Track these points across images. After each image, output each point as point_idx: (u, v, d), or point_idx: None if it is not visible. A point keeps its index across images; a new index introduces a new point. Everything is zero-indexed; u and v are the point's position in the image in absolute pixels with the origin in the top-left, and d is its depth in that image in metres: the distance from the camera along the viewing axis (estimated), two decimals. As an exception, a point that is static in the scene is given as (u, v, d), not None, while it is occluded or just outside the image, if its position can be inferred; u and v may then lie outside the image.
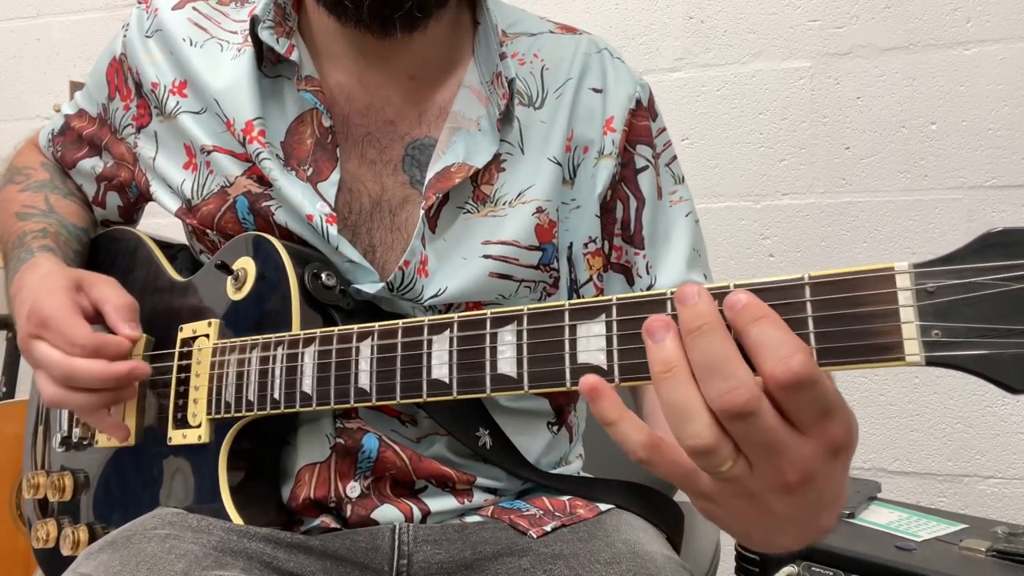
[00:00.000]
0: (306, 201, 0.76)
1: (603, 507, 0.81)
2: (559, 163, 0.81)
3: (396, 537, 0.75)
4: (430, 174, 0.78)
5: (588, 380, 0.46)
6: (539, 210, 0.80)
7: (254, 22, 0.78)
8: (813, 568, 1.03)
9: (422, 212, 0.76)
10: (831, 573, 1.02)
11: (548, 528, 0.76)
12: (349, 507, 0.75)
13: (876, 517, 1.14)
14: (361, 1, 0.72)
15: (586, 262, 0.84)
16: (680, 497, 1.29)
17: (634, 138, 0.85)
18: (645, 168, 0.86)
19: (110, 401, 0.75)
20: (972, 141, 1.49)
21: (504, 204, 0.79)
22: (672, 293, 0.47)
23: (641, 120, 0.86)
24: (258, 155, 0.77)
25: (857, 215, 1.55)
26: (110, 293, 0.77)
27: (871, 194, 1.54)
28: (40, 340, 0.73)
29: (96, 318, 0.77)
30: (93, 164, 0.93)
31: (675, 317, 0.45)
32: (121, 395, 0.76)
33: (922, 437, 1.51)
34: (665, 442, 0.46)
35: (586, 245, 0.84)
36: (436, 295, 0.76)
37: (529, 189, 0.80)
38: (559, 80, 0.84)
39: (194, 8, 0.86)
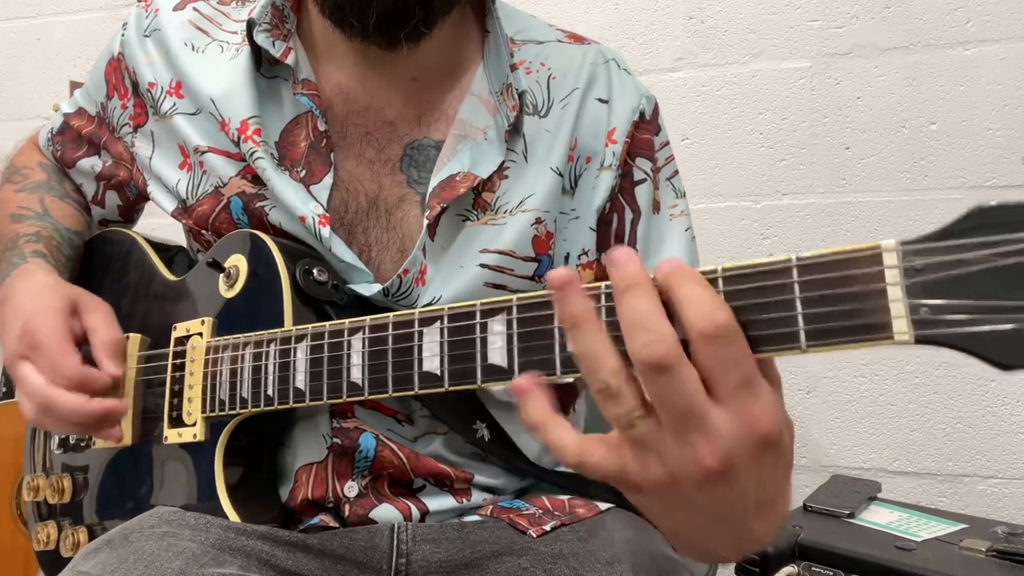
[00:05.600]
0: (299, 201, 0.76)
1: (603, 506, 0.81)
2: (560, 173, 0.81)
3: (395, 536, 0.75)
4: (434, 181, 0.77)
5: (521, 380, 0.48)
6: (538, 220, 0.79)
7: (250, 25, 0.78)
8: (813, 568, 1.03)
9: (425, 223, 0.76)
10: (831, 573, 1.02)
11: (548, 527, 0.76)
12: (347, 507, 0.75)
13: (876, 517, 1.14)
14: (367, 20, 0.72)
15: (579, 274, 0.83)
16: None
17: (635, 151, 0.85)
18: (643, 181, 0.85)
19: (88, 431, 0.76)
20: (972, 141, 1.49)
21: (504, 212, 0.79)
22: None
23: (643, 133, 0.85)
24: (252, 154, 0.77)
25: (857, 215, 1.54)
26: (102, 324, 0.78)
27: (871, 194, 1.54)
28: (27, 362, 0.74)
29: (83, 342, 0.78)
30: (92, 163, 0.93)
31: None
32: (99, 426, 0.75)
33: (922, 437, 1.50)
34: (592, 440, 0.47)
35: (579, 257, 0.83)
36: (430, 303, 0.76)
37: (530, 198, 0.79)
38: (565, 89, 0.83)
39: (195, 9, 0.86)
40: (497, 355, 0.54)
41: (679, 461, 0.44)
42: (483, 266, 0.78)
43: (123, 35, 0.88)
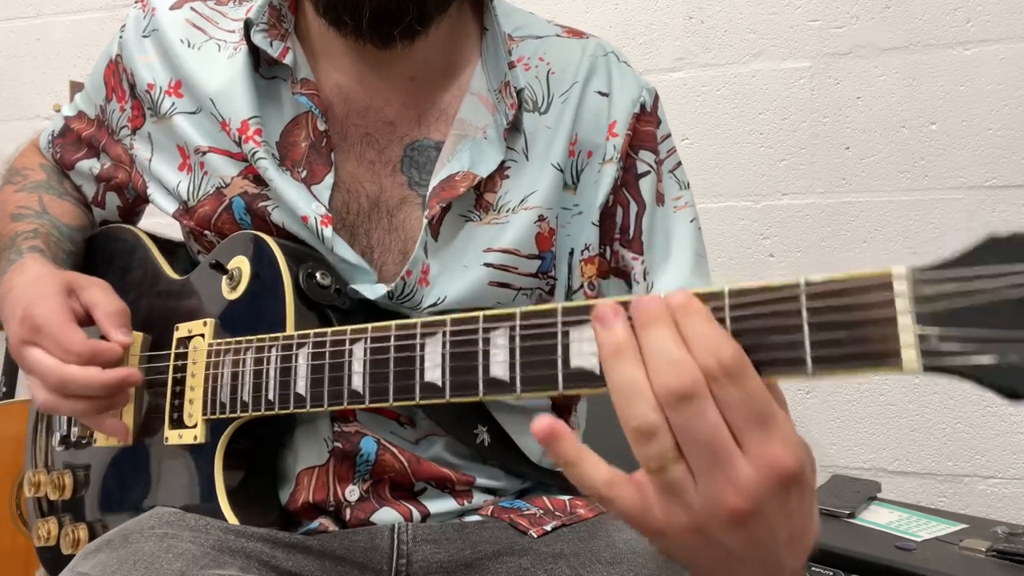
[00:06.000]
0: (300, 201, 0.76)
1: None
2: (561, 169, 0.81)
3: (395, 536, 0.75)
4: (434, 181, 0.77)
5: (542, 422, 0.46)
6: (540, 218, 0.79)
7: (247, 25, 0.78)
8: (813, 568, 1.03)
9: (425, 222, 0.76)
10: (831, 573, 1.02)
11: (548, 528, 0.76)
12: (348, 510, 0.75)
13: (876, 517, 1.14)
14: (360, 18, 0.72)
15: (580, 269, 0.83)
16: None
17: (637, 143, 0.84)
18: (647, 173, 0.85)
19: (103, 408, 0.75)
20: (972, 141, 1.49)
21: (507, 211, 0.79)
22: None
23: (645, 125, 0.85)
24: (254, 154, 0.77)
25: (857, 215, 1.55)
26: (101, 298, 0.77)
27: (871, 194, 1.54)
28: (34, 346, 0.73)
29: (87, 321, 0.77)
30: (91, 165, 0.93)
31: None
32: (114, 401, 0.75)
33: (922, 437, 1.51)
34: (622, 476, 0.46)
35: (582, 252, 0.83)
36: (435, 304, 0.76)
37: (532, 195, 0.79)
38: (565, 84, 0.83)
39: (192, 8, 0.86)
40: (499, 368, 0.54)
41: (704, 507, 0.43)
42: (487, 265, 0.78)
43: (121, 37, 0.88)
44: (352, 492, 0.75)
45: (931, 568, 0.96)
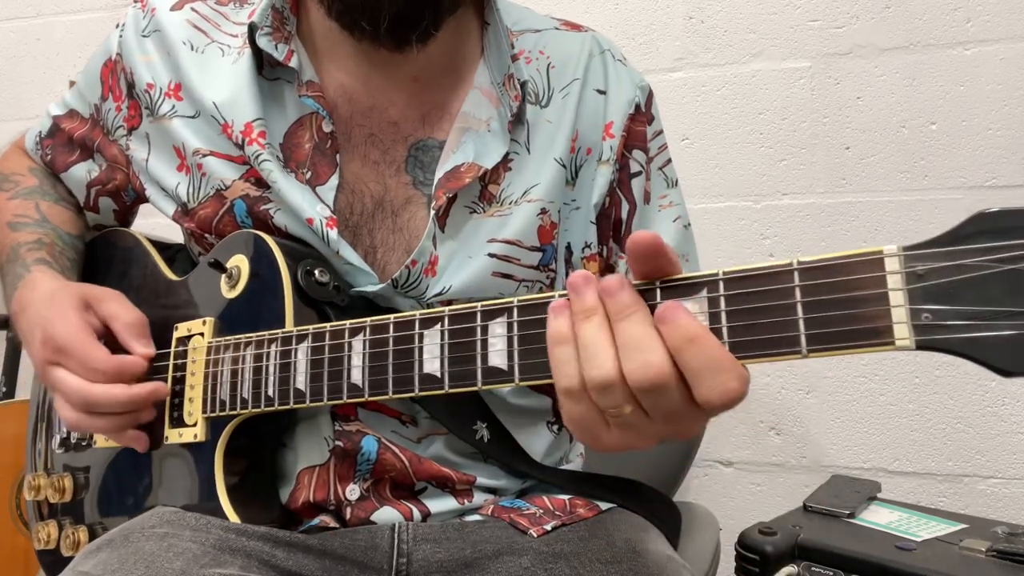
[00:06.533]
0: (305, 204, 0.76)
1: (603, 506, 0.81)
2: (563, 164, 0.81)
3: (396, 536, 0.75)
4: (439, 173, 0.78)
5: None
6: (543, 211, 0.80)
7: (252, 29, 0.78)
8: (813, 568, 1.03)
9: (432, 213, 0.76)
10: (831, 573, 1.01)
11: (548, 527, 0.76)
12: (349, 510, 0.75)
13: (876, 517, 1.14)
14: (378, 23, 0.72)
15: (583, 267, 0.84)
16: (678, 497, 1.28)
17: (631, 143, 0.85)
18: (639, 173, 0.86)
19: (131, 423, 0.75)
20: (972, 141, 1.49)
21: (510, 203, 0.79)
22: (660, 283, 0.49)
23: (639, 125, 0.86)
24: (257, 157, 0.77)
25: (857, 215, 1.54)
26: (119, 310, 0.78)
27: (871, 194, 1.54)
28: (58, 367, 0.73)
29: (105, 333, 0.77)
30: (88, 168, 0.92)
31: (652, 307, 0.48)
32: (140, 416, 0.76)
33: (922, 437, 1.50)
34: (587, 396, 0.50)
35: (583, 250, 0.84)
36: (440, 293, 0.77)
37: (534, 188, 0.80)
38: (565, 79, 0.84)
39: (192, 9, 0.86)
40: (497, 357, 0.55)
41: (658, 429, 0.49)
42: (491, 255, 0.78)
43: (120, 36, 0.87)
44: (353, 491, 0.75)
45: (931, 568, 0.96)
